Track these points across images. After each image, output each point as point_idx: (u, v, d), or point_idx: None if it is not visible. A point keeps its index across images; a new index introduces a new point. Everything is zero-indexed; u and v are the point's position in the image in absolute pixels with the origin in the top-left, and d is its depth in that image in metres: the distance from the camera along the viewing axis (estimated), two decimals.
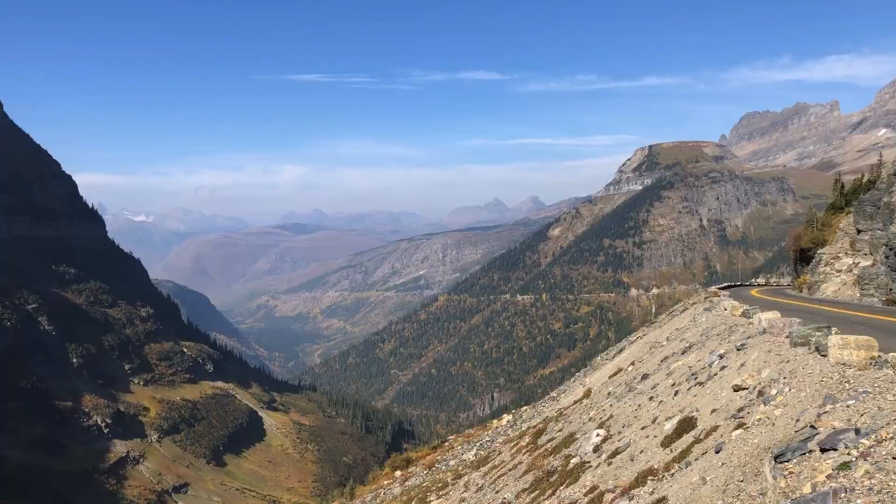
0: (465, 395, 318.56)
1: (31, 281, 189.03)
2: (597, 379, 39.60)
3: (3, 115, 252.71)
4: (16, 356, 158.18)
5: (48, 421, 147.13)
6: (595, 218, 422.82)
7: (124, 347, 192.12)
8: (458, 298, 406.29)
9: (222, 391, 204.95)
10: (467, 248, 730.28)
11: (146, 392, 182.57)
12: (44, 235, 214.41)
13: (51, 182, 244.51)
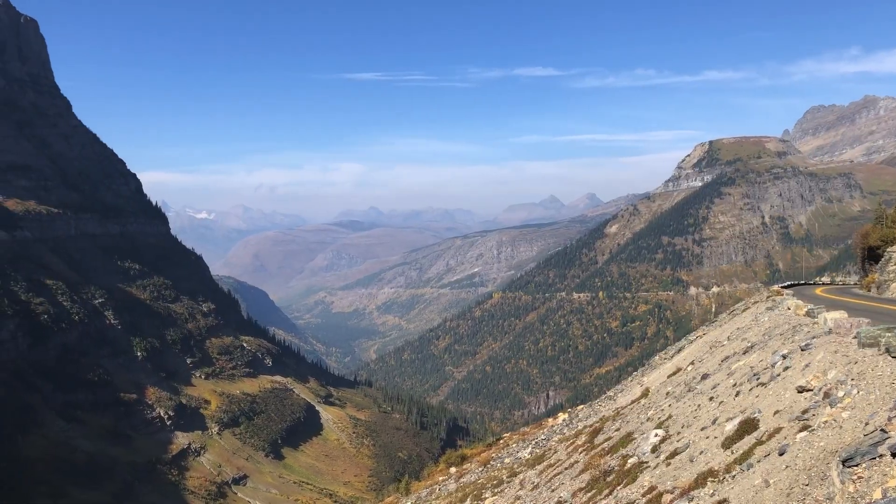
0: (519, 392, 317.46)
1: (98, 277, 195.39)
2: (655, 378, 39.05)
3: (71, 116, 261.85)
4: (84, 349, 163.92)
5: (114, 412, 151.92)
6: (653, 215, 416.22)
7: (186, 342, 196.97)
8: (512, 296, 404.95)
9: (280, 385, 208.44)
10: (522, 245, 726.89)
11: (207, 385, 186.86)
12: (110, 232, 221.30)
13: (117, 180, 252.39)
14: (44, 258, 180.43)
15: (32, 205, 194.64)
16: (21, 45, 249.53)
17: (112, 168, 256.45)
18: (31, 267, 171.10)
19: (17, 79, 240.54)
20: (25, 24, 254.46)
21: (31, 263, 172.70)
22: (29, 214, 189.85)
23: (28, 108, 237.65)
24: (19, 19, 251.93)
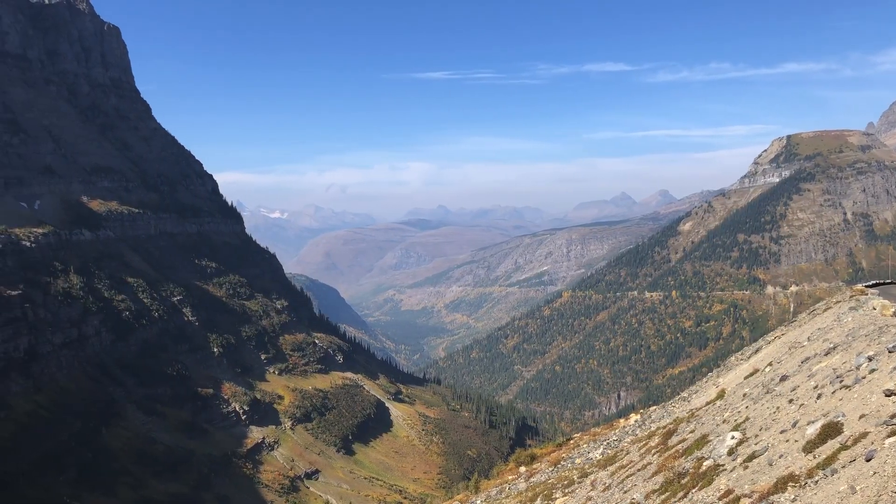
0: (590, 393, 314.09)
1: (177, 274, 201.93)
2: (731, 380, 38.05)
3: (151, 119, 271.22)
4: (163, 345, 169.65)
5: (192, 407, 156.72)
6: (728, 212, 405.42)
7: (261, 338, 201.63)
8: (582, 295, 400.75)
9: (351, 382, 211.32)
10: (592, 243, 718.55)
11: (280, 381, 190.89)
12: (188, 231, 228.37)
13: (194, 181, 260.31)
14: (125, 256, 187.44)
15: (115, 205, 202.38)
16: (104, 52, 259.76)
17: (189, 169, 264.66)
18: (114, 265, 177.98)
19: (101, 84, 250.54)
20: (108, 31, 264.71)
21: (114, 262, 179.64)
22: (111, 214, 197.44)
23: (111, 111, 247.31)
24: (103, 27, 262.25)
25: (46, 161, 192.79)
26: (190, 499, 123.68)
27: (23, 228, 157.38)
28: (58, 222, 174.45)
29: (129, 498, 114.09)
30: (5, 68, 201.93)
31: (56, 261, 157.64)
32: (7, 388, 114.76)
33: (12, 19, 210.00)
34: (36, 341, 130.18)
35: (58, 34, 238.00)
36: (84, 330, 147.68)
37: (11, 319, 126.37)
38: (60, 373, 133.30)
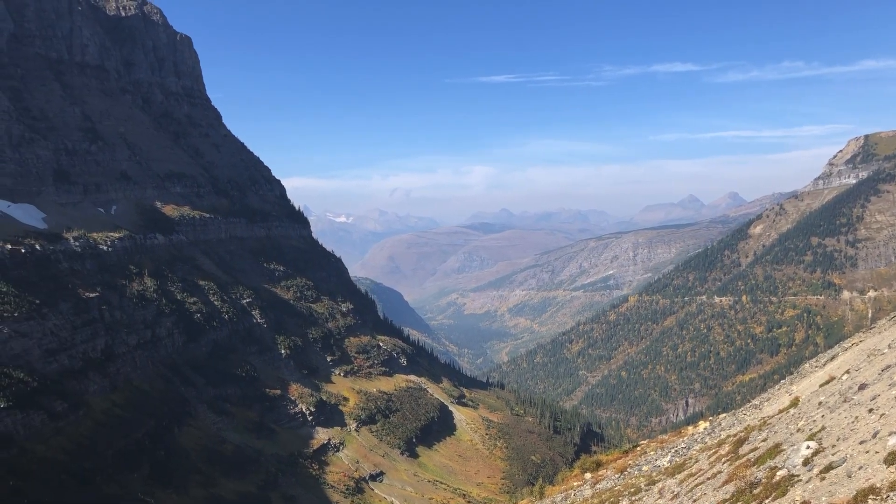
0: (657, 399, 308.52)
1: (246, 277, 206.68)
2: (805, 387, 36.78)
3: (222, 126, 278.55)
4: (233, 346, 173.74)
5: (260, 407, 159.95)
6: (801, 214, 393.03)
7: (326, 340, 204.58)
8: (649, 299, 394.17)
9: (415, 384, 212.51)
10: (660, 246, 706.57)
11: (346, 383, 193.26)
12: (256, 235, 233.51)
13: (263, 186, 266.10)
14: (197, 260, 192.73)
15: (187, 210, 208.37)
16: (177, 61, 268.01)
17: (258, 174, 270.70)
18: (186, 268, 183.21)
19: (174, 92, 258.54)
20: (181, 41, 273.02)
21: (186, 265, 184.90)
22: (184, 219, 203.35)
23: (183, 119, 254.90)
24: (175, 37, 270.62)
25: (122, 167, 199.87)
26: (258, 498, 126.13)
27: (100, 233, 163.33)
28: (133, 227, 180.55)
29: (200, 496, 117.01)
30: (84, 79, 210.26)
31: (131, 264, 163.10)
32: (85, 388, 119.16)
33: (91, 32, 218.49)
34: (112, 342, 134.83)
35: (133, 45, 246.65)
36: (157, 331, 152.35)
37: (89, 321, 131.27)
38: (135, 373, 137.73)
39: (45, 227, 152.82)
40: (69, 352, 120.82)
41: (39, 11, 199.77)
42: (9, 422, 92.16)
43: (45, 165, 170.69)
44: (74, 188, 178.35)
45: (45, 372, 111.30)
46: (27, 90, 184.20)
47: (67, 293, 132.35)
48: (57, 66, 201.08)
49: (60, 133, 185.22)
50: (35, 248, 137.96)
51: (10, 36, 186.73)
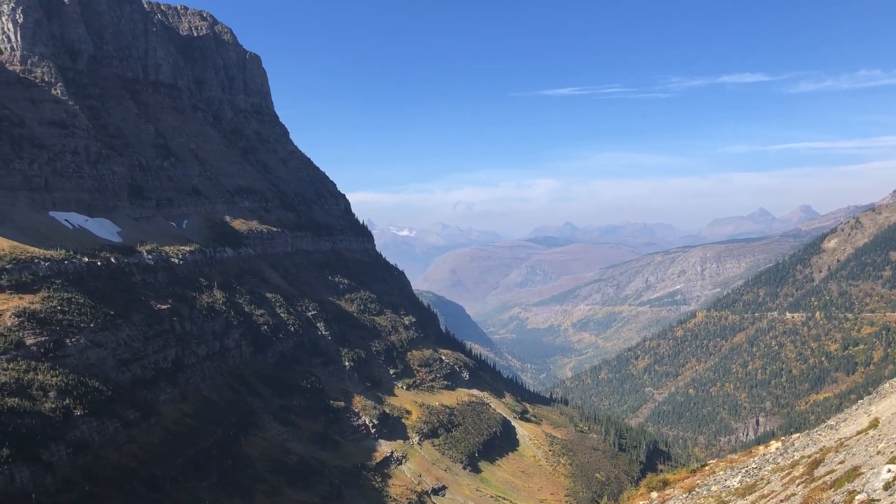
0: (726, 417, 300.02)
1: (311, 290, 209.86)
2: (885, 408, 35.15)
3: (289, 142, 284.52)
4: (298, 358, 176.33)
5: (324, 418, 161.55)
6: (879, 228, 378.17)
7: (389, 353, 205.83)
8: (718, 315, 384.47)
9: (477, 399, 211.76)
10: (728, 261, 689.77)
11: (408, 396, 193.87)
12: (322, 249, 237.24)
13: (328, 201, 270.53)
14: (264, 273, 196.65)
15: (255, 224, 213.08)
16: (246, 79, 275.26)
17: (324, 189, 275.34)
18: (254, 281, 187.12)
19: (243, 110, 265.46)
20: (250, 59, 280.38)
21: (254, 278, 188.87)
22: (252, 233, 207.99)
23: (252, 135, 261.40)
24: (245, 56, 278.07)
25: (193, 183, 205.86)
26: None
27: (172, 246, 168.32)
28: (203, 240, 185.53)
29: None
30: (158, 97, 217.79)
31: (201, 277, 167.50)
32: (156, 397, 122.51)
33: (165, 52, 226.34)
34: (182, 352, 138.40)
35: (204, 64, 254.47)
36: (226, 342, 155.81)
37: (161, 332, 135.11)
38: (204, 383, 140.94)
39: (120, 241, 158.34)
40: (141, 362, 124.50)
41: (117, 33, 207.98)
42: (85, 429, 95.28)
43: (121, 181, 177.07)
44: (148, 203, 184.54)
45: (118, 381, 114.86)
46: (104, 109, 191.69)
47: (140, 305, 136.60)
48: (132, 85, 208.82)
49: (135, 150, 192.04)
50: (110, 261, 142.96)
51: (90, 57, 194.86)
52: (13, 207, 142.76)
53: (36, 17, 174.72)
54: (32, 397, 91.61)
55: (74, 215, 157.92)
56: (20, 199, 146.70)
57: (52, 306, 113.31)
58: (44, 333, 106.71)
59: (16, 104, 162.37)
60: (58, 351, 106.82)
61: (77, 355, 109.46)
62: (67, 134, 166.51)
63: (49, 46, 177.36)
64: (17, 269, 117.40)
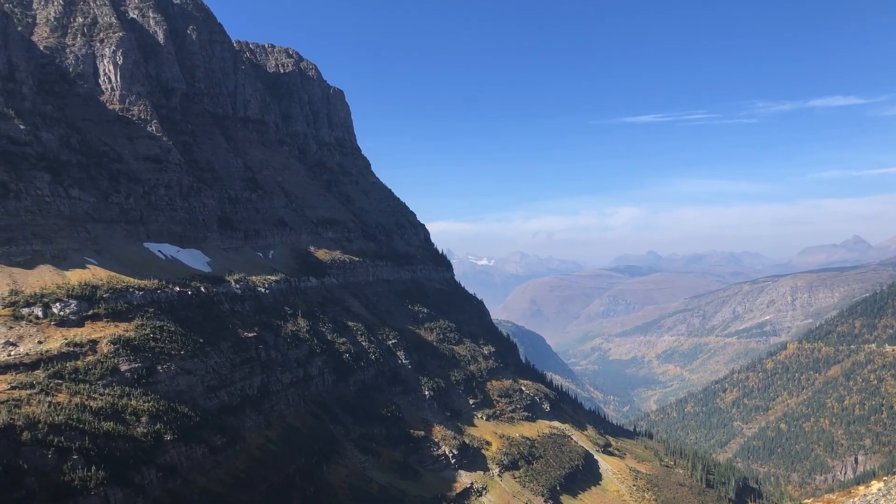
0: (821, 455, 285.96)
1: (391, 319, 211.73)
2: None
3: (370, 174, 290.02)
4: (379, 386, 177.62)
5: (404, 448, 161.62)
6: None
7: (469, 383, 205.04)
8: (810, 347, 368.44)
9: (559, 431, 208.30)
10: (821, 290, 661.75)
11: (488, 427, 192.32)
12: (402, 278, 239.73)
13: (408, 230, 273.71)
14: (346, 302, 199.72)
15: (338, 254, 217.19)
16: (330, 113, 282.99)
17: (404, 219, 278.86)
18: (336, 310, 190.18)
19: (327, 143, 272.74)
20: (334, 94, 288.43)
21: (336, 306, 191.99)
22: (335, 263, 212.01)
23: (335, 168, 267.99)
24: (329, 91, 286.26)
25: (279, 214, 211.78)
26: None
27: (258, 276, 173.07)
28: (288, 270, 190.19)
29: None
30: (246, 132, 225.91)
31: (286, 305, 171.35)
32: (242, 423, 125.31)
33: (253, 88, 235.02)
34: (267, 380, 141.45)
35: (290, 99, 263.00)
36: (309, 370, 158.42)
37: (247, 359, 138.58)
38: (288, 410, 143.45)
39: (210, 271, 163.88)
40: (228, 388, 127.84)
41: (208, 71, 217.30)
42: (174, 454, 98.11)
43: (211, 213, 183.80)
44: (236, 234, 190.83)
45: (206, 407, 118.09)
46: (196, 144, 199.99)
47: (228, 333, 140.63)
48: (222, 120, 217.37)
49: (225, 183, 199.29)
50: (200, 290, 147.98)
51: (183, 95, 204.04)
52: (111, 239, 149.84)
53: (134, 58, 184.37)
54: (126, 422, 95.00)
55: (167, 246, 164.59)
56: (117, 231, 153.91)
57: (146, 334, 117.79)
58: (137, 360, 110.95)
59: (115, 141, 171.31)
60: (150, 377, 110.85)
61: (168, 382, 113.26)
62: (161, 168, 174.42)
63: (145, 85, 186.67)
64: (113, 298, 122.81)
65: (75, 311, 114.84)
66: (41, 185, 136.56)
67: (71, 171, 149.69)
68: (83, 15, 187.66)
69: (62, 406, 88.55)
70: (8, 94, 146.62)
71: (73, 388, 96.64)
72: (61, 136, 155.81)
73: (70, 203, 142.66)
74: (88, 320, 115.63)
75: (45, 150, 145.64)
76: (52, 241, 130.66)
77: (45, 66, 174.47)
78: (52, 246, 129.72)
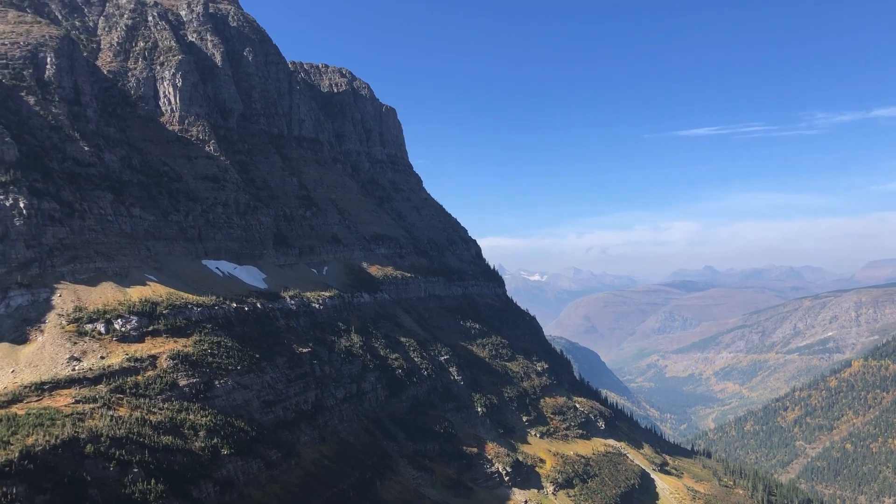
0: (890, 476, 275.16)
1: (443, 335, 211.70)
2: None
3: (422, 190, 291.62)
4: (432, 402, 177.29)
5: (457, 464, 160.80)
6: None
7: (522, 399, 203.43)
8: (877, 364, 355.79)
9: (614, 449, 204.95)
10: (887, 306, 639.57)
11: (542, 444, 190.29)
12: (453, 294, 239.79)
13: (460, 246, 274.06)
14: (398, 317, 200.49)
15: (390, 270, 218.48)
16: (382, 131, 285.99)
17: (456, 235, 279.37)
18: (389, 325, 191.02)
19: (379, 160, 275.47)
20: (386, 112, 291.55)
21: (389, 322, 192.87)
22: (387, 279, 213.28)
23: (387, 185, 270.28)
24: (381, 109, 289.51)
25: (333, 231, 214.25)
26: None
27: (313, 292, 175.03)
28: (341, 286, 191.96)
29: None
30: (302, 151, 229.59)
31: (340, 321, 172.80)
32: (297, 438, 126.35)
33: (307, 108, 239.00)
34: (321, 395, 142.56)
35: (344, 119, 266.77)
36: (362, 385, 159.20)
37: (302, 374, 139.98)
38: (342, 425, 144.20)
39: (266, 287, 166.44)
40: (283, 404, 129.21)
41: (264, 92, 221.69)
42: (231, 468, 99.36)
43: (267, 230, 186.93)
44: (291, 251, 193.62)
45: (262, 422, 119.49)
46: (252, 163, 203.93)
47: (283, 348, 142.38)
48: (277, 140, 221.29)
49: (280, 201, 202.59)
50: (256, 306, 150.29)
51: (240, 115, 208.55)
52: (170, 256, 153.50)
53: (193, 80, 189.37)
54: (184, 436, 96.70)
55: (224, 263, 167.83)
56: (176, 249, 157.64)
57: (203, 349, 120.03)
58: (195, 375, 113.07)
59: (174, 161, 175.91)
60: (207, 392, 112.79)
61: (224, 396, 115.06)
62: (219, 187, 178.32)
63: (204, 107, 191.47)
64: (172, 314, 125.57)
65: (136, 327, 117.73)
66: (104, 204, 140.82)
67: (132, 191, 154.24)
68: (144, 39, 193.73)
69: (123, 420, 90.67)
70: (74, 117, 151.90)
71: (133, 402, 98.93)
72: (123, 156, 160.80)
73: (131, 221, 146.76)
74: (148, 336, 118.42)
75: (108, 171, 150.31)
76: (114, 258, 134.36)
77: (109, 90, 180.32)
78: (115, 263, 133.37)
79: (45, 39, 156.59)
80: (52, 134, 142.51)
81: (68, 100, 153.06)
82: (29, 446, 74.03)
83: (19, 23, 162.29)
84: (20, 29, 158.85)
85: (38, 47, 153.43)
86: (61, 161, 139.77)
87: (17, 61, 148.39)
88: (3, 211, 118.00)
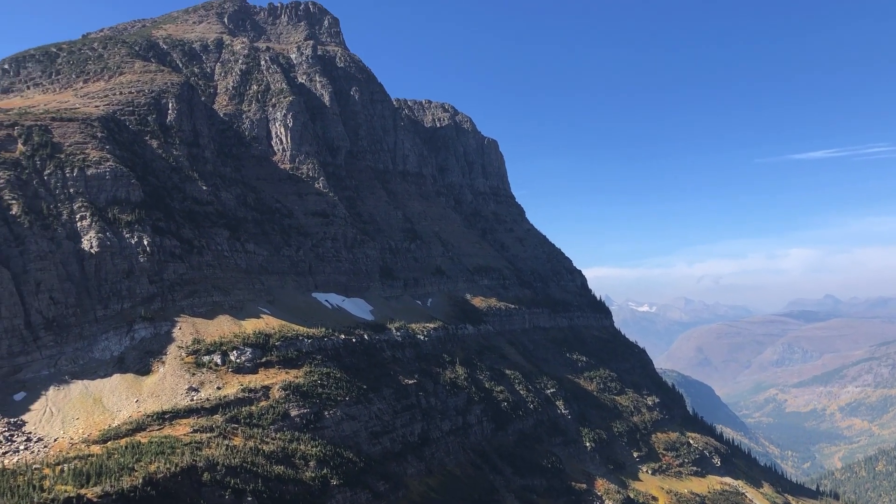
0: None
1: (549, 367, 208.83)
2: None
3: (525, 221, 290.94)
4: (538, 436, 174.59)
5: (565, 500, 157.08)
6: None
7: (632, 435, 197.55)
8: None
9: (731, 488, 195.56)
10: None
11: (653, 481, 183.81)
12: (559, 325, 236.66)
13: (564, 277, 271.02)
14: (503, 349, 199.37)
15: (493, 301, 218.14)
16: (484, 164, 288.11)
17: (560, 266, 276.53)
18: (493, 357, 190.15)
19: (481, 192, 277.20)
20: (488, 144, 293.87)
21: (493, 354, 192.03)
22: (491, 310, 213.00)
23: (489, 216, 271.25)
24: (483, 141, 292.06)
25: (437, 263, 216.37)
26: None
27: (418, 324, 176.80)
28: (445, 317, 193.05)
29: None
30: (406, 185, 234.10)
31: (444, 353, 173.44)
32: (404, 470, 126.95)
33: (411, 143, 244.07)
34: (428, 427, 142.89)
35: (447, 152, 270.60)
36: (468, 418, 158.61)
37: (408, 406, 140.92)
38: (448, 458, 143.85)
39: (372, 319, 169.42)
40: (390, 435, 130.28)
41: (370, 130, 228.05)
42: (340, 498, 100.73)
43: (373, 263, 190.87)
44: (396, 283, 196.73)
45: (369, 453, 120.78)
46: (359, 198, 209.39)
47: (390, 379, 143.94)
48: (383, 175, 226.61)
49: (385, 234, 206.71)
50: (363, 337, 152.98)
51: (347, 152, 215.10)
52: (282, 290, 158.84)
53: (303, 120, 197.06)
54: (295, 466, 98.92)
55: (333, 296, 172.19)
56: (288, 283, 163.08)
57: (313, 380, 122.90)
58: (305, 406, 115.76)
59: (286, 198, 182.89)
60: (317, 422, 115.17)
61: (334, 427, 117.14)
62: (328, 222, 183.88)
63: (313, 145, 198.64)
64: (284, 345, 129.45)
65: (250, 359, 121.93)
66: (220, 240, 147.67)
67: (247, 227, 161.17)
68: (257, 83, 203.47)
69: (238, 449, 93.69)
70: (193, 158, 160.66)
71: (247, 431, 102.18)
72: (238, 194, 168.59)
73: (246, 257, 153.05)
74: (262, 367, 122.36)
75: (224, 209, 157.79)
76: (230, 292, 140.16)
77: (225, 132, 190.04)
78: (230, 297, 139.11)
79: (167, 86, 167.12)
80: (172, 175, 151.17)
81: (188, 142, 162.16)
82: (151, 473, 77.62)
83: (144, 72, 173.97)
84: (145, 77, 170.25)
85: (160, 94, 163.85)
86: (181, 200, 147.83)
87: (142, 108, 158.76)
88: (129, 249, 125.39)
